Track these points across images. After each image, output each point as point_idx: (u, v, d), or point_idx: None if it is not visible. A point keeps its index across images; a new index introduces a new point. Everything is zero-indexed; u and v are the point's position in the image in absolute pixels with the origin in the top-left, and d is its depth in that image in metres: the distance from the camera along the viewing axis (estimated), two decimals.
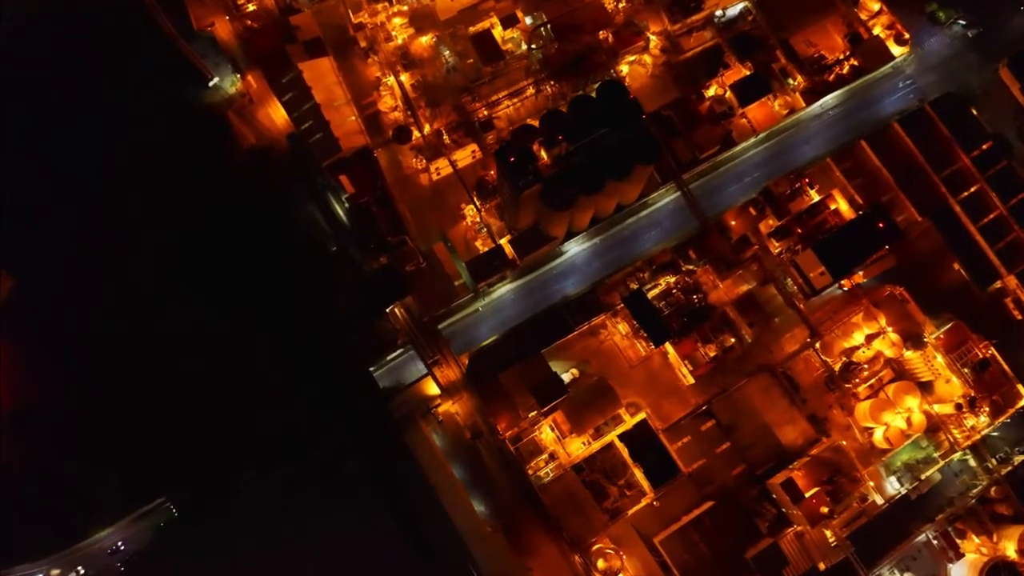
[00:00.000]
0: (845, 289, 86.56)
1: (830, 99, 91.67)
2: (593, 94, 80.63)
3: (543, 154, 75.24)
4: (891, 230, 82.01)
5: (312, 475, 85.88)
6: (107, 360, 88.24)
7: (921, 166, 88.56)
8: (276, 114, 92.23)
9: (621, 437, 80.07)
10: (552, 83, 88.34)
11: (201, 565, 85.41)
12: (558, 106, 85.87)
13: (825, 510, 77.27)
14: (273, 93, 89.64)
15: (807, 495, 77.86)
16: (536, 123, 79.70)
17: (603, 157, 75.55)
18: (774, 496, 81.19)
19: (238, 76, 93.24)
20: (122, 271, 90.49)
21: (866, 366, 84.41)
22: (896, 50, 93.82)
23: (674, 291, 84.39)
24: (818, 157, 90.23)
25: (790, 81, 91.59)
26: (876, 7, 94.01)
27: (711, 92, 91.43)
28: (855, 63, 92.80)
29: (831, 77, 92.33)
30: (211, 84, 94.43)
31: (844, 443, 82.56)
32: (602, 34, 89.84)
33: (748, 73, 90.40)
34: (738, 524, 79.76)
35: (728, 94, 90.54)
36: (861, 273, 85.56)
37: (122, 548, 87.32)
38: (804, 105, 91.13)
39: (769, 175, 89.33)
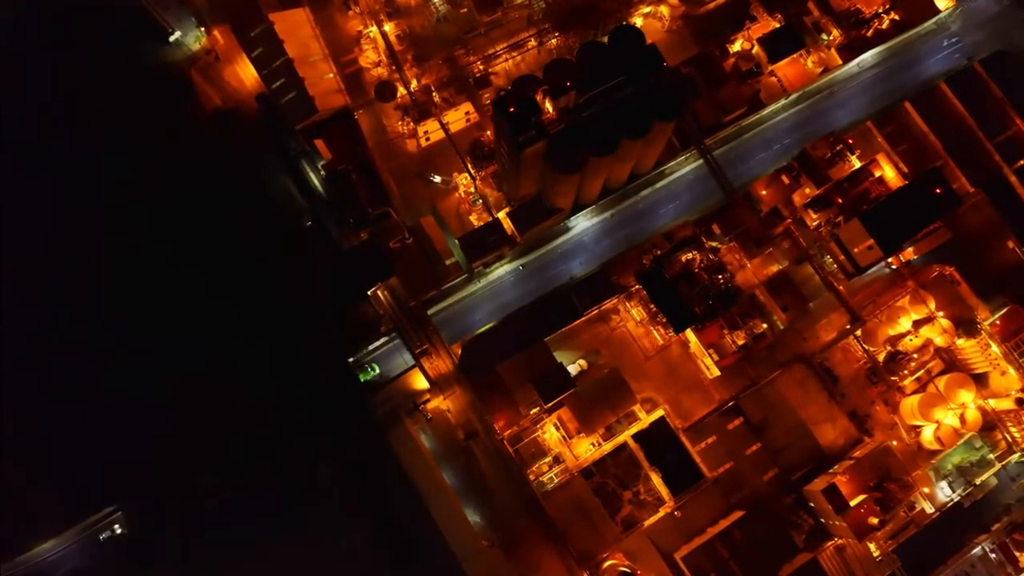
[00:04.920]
0: (893, 268, 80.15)
1: (869, 57, 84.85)
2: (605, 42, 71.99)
3: (548, 106, 66.91)
4: (948, 197, 75.60)
5: (281, 481, 78.88)
6: (48, 352, 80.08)
7: (972, 131, 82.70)
8: (244, 72, 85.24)
9: (635, 437, 75.93)
10: (556, 35, 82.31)
11: None
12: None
13: (874, 521, 70.99)
14: (241, 49, 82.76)
15: (852, 503, 71.49)
16: (540, 76, 72.09)
17: (617, 111, 67.82)
18: (812, 505, 75.26)
19: (202, 30, 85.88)
20: (70, 252, 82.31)
21: (915, 356, 77.96)
22: (941, 3, 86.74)
23: (696, 270, 76.97)
24: (857, 121, 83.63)
25: (824, 36, 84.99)
26: None
27: (736, 47, 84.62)
28: (896, 17, 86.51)
29: (869, 32, 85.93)
30: (172, 39, 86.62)
31: (894, 443, 76.01)
32: None
33: (778, 26, 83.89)
34: (771, 537, 74.69)
35: (756, 49, 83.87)
36: (911, 249, 79.18)
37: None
38: (840, 63, 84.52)
39: (802, 141, 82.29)
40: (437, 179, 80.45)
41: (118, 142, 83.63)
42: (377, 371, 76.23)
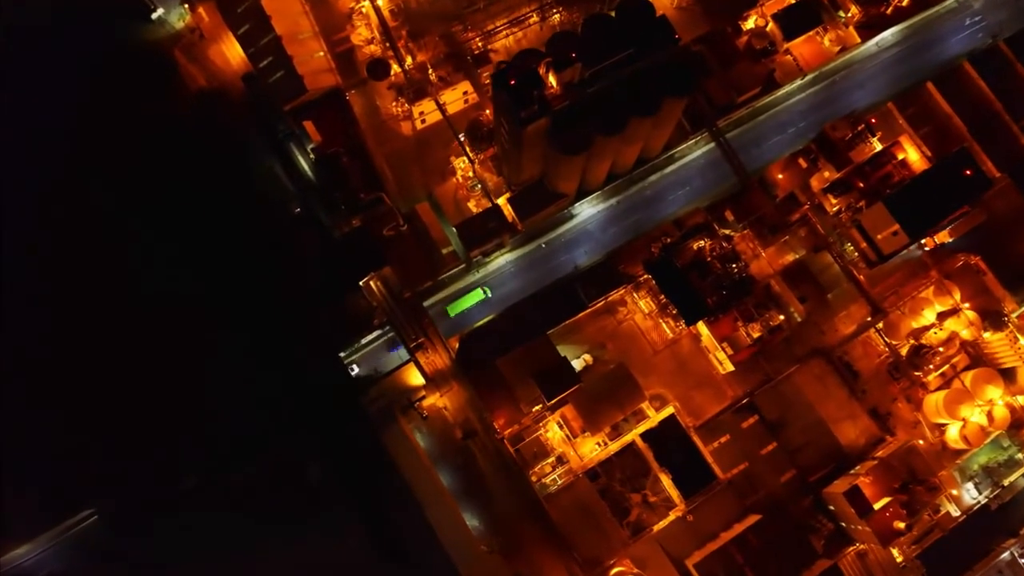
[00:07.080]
0: (926, 249, 78.01)
1: (888, 35, 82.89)
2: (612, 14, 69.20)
3: (552, 80, 63.33)
4: (978, 179, 73.02)
5: (267, 482, 77.15)
6: (25, 349, 76.99)
7: (997, 112, 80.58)
8: (230, 51, 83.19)
9: (644, 436, 74.17)
10: (560, 9, 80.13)
11: None
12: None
13: (901, 525, 67.97)
14: (227, 26, 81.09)
15: (877, 507, 68.49)
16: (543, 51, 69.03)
17: (626, 87, 64.61)
18: (832, 508, 72.65)
19: (186, 7, 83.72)
20: (44, 239, 79.84)
21: (939, 350, 75.31)
22: None
23: (709, 259, 74.72)
24: (877, 102, 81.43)
25: (842, 13, 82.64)
26: None
27: (750, 24, 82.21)
28: None
29: (889, 10, 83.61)
30: (155, 17, 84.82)
31: (921, 442, 73.43)
32: None
33: (793, 2, 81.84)
34: (788, 542, 72.92)
35: (770, 27, 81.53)
36: (947, 232, 76.64)
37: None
38: (859, 41, 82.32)
39: (819, 123, 79.72)
40: (462, 136, 77.66)
41: (98, 125, 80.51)
42: (490, 293, 73.46)
